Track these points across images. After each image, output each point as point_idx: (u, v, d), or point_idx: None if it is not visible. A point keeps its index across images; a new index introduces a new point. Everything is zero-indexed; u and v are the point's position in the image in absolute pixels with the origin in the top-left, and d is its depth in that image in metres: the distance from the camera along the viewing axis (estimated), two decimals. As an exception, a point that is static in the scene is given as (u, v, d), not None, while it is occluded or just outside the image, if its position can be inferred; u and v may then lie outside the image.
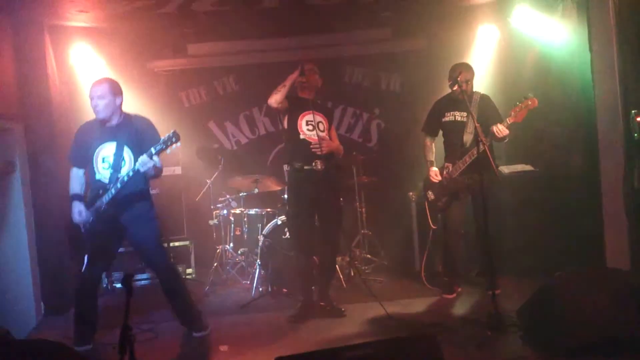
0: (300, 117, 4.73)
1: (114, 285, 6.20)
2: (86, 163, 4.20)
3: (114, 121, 4.18)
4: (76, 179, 4.27)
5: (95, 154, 4.15)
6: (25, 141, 5.20)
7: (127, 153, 4.12)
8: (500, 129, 4.59)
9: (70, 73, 6.01)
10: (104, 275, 5.63)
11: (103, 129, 4.17)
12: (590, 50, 4.68)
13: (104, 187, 4.11)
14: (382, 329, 4.37)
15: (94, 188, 4.18)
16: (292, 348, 3.89)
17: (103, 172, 4.14)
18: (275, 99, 4.61)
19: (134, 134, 4.15)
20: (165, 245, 4.51)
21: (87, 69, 6.07)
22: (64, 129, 5.64)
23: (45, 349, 2.93)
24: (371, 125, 7.38)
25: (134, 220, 4.19)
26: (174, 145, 3.82)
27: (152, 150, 3.85)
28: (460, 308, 4.82)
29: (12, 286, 4.96)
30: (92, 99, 4.11)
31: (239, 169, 6.62)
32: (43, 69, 5.45)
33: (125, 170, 4.07)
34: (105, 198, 4.08)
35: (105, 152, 4.14)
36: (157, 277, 4.45)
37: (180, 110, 7.17)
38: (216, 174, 6.41)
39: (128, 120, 4.23)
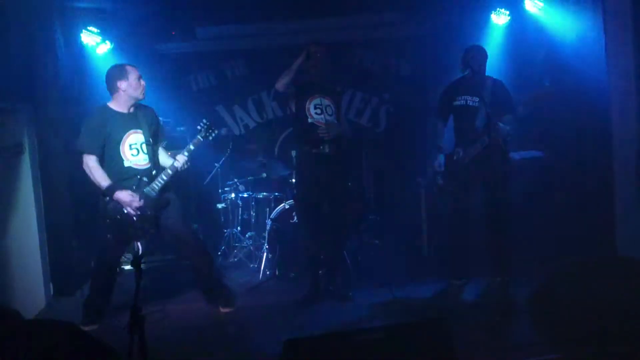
0: (308, 101, 4.69)
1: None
2: (101, 150, 4.14)
3: (132, 108, 4.19)
4: (101, 169, 4.11)
5: (120, 141, 4.13)
6: (34, 122, 5.18)
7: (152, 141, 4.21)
8: (501, 127, 4.54)
9: (79, 54, 5.98)
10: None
11: (123, 116, 4.18)
12: (605, 35, 4.61)
13: (147, 174, 4.14)
14: (390, 313, 4.37)
15: (127, 176, 4.14)
16: (299, 332, 3.91)
17: (133, 159, 4.15)
18: (282, 83, 4.58)
19: (151, 122, 4.25)
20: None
21: (96, 50, 6.04)
22: (73, 110, 5.62)
23: (55, 329, 2.92)
24: (380, 110, 7.32)
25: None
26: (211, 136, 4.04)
27: (190, 147, 4.08)
28: (469, 294, 4.79)
29: (21, 267, 4.97)
30: None
31: (247, 153, 6.60)
32: (52, 50, 5.41)
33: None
34: (157, 185, 4.12)
35: (132, 139, 4.15)
36: (188, 258, 4.52)
37: (188, 93, 7.15)
38: (224, 158, 6.40)
39: (144, 109, 4.27)
